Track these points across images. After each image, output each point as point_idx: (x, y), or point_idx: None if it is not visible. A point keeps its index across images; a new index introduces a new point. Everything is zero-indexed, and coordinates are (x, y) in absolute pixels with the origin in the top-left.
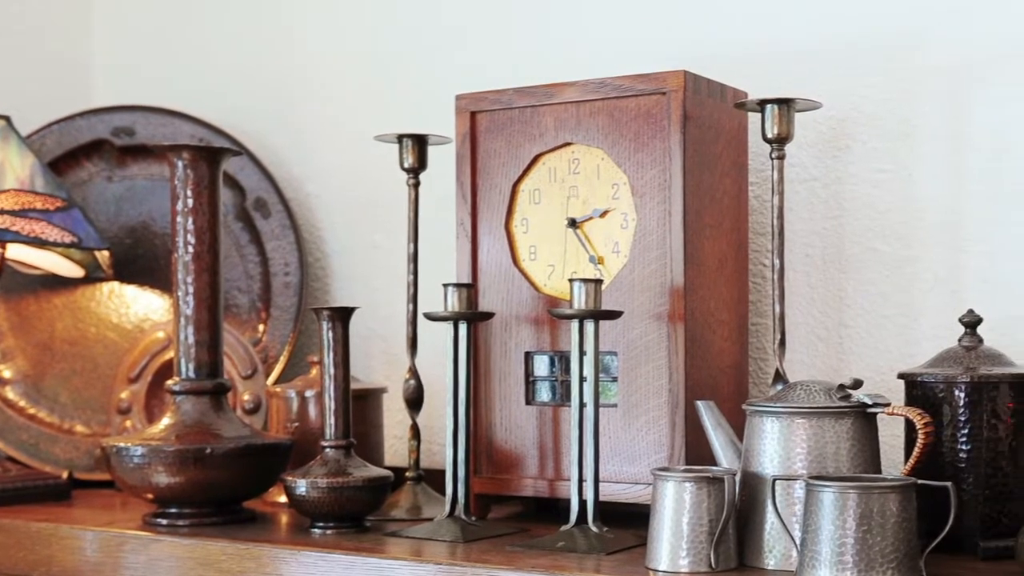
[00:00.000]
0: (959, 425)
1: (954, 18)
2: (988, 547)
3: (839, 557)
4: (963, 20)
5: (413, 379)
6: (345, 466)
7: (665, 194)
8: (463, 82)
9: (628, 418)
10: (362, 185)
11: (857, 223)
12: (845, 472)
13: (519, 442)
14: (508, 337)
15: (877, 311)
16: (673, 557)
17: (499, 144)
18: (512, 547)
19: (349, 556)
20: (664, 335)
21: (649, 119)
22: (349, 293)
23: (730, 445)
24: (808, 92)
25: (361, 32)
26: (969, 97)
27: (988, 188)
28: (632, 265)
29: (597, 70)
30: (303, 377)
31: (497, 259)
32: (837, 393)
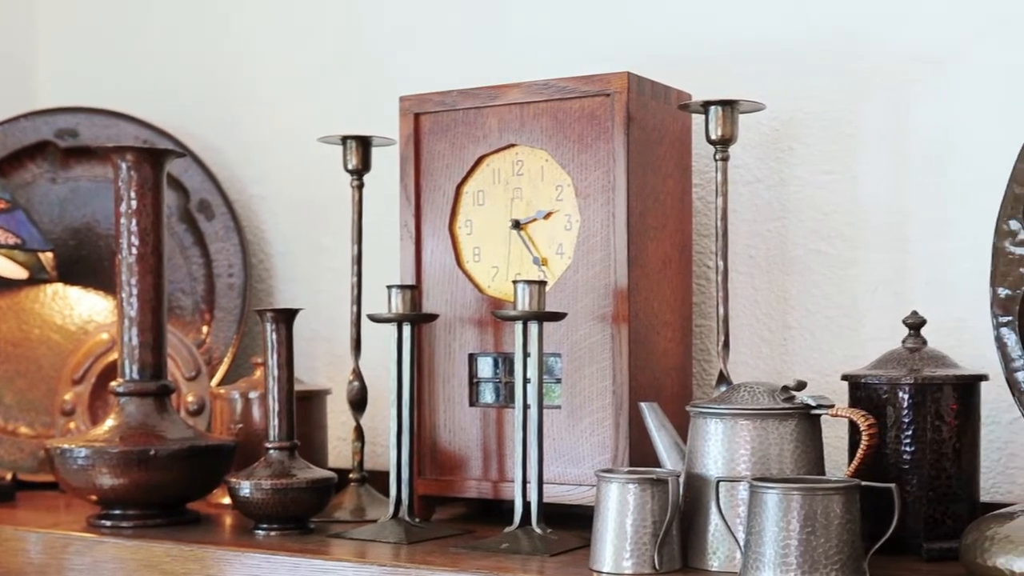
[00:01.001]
0: (903, 427)
1: (897, 20)
2: (932, 548)
3: (783, 559)
4: (906, 21)
5: (357, 381)
6: (289, 468)
7: (609, 196)
8: (407, 84)
9: (572, 420)
10: (306, 187)
11: (801, 225)
12: (789, 474)
13: (463, 444)
14: (452, 339)
15: (821, 313)
16: (617, 559)
17: (443, 146)
18: (456, 548)
19: (293, 558)
20: (608, 337)
21: (593, 121)
22: (293, 295)
23: (674, 447)
24: (752, 94)
25: (305, 34)
26: (912, 98)
27: (932, 189)
28: (576, 267)
29: (541, 72)
30: (247, 379)
31: (441, 261)
32: (781, 395)
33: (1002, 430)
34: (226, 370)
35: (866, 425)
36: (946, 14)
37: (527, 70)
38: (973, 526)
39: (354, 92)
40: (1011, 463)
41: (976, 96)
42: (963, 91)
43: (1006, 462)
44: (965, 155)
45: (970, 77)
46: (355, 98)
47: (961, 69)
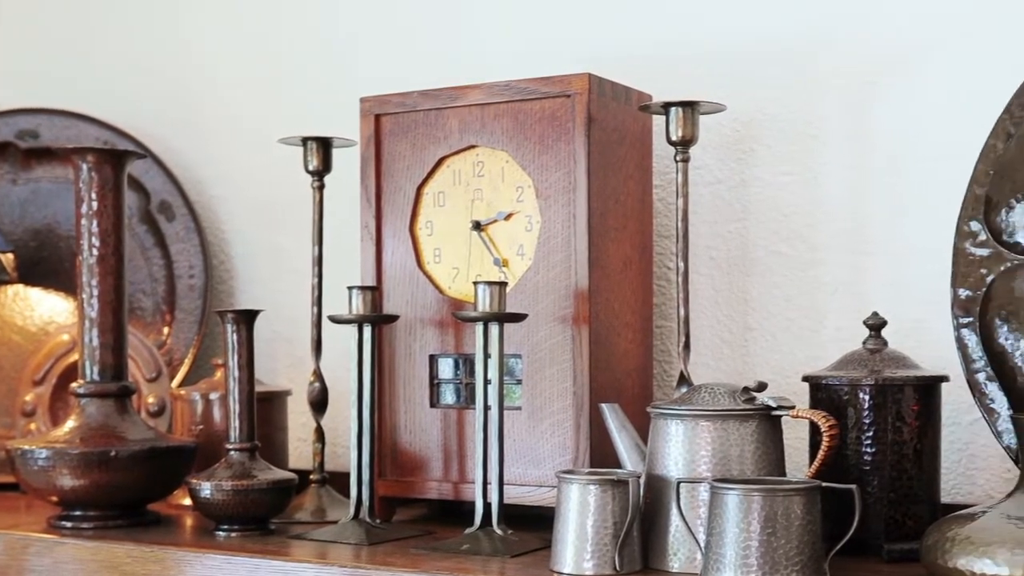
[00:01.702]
0: (864, 428)
1: (857, 21)
2: (893, 550)
3: (743, 560)
4: (866, 23)
5: (317, 382)
6: (250, 469)
7: (569, 197)
8: (368, 85)
9: (532, 421)
10: (267, 188)
11: (761, 226)
12: (750, 475)
13: (424, 445)
14: (412, 340)
15: (782, 314)
16: (577, 560)
17: (404, 147)
18: (416, 550)
19: (254, 559)
20: (568, 338)
21: (554, 122)
22: (254, 296)
23: (635, 448)
24: (713, 95)
25: (265, 35)
26: (872, 100)
27: (892, 190)
28: (536, 268)
29: (502, 73)
30: (207, 380)
31: (401, 262)
32: (742, 396)
33: (963, 431)
34: (187, 371)
35: (827, 426)
36: (907, 16)
37: (488, 71)
38: (934, 527)
39: (315, 93)
40: (972, 464)
41: (936, 98)
42: (923, 93)
43: (967, 463)
44: (925, 156)
45: (930, 79)
46: (316, 99)
47: (921, 71)
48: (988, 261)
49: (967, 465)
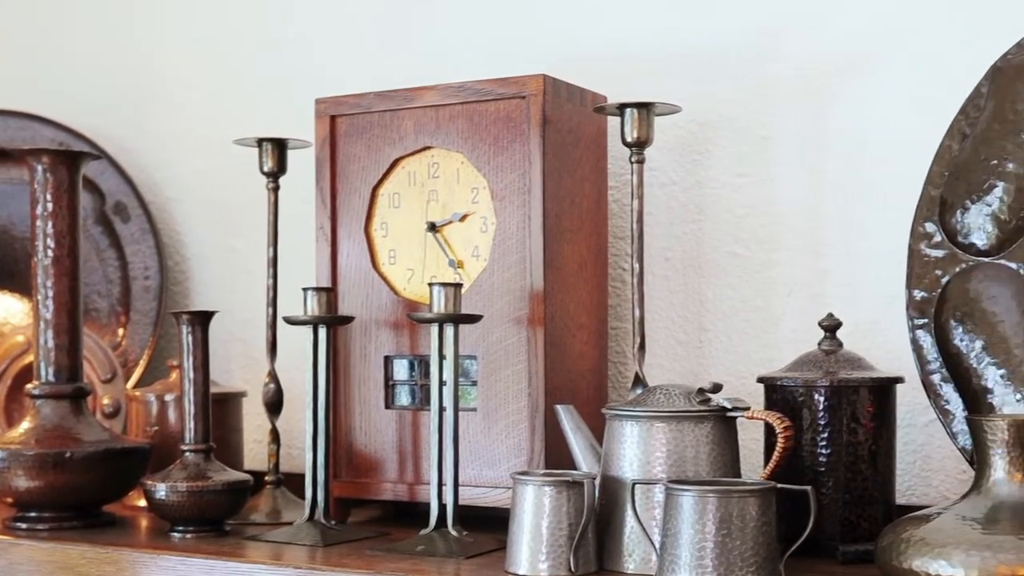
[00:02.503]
0: (819, 429)
1: (812, 23)
2: (847, 551)
3: (699, 561)
4: (821, 25)
5: (272, 383)
6: (205, 470)
7: (525, 198)
8: (323, 86)
9: (488, 422)
10: (222, 189)
11: (716, 227)
12: (705, 476)
13: (379, 446)
14: (368, 341)
15: (737, 315)
16: (533, 561)
17: (359, 148)
18: (372, 551)
19: (209, 560)
20: (523, 339)
21: (509, 123)
22: (209, 297)
23: (590, 449)
24: (668, 96)
25: (221, 36)
26: (827, 101)
27: (847, 191)
28: (492, 269)
29: (457, 74)
30: (163, 381)
31: (356, 263)
32: (697, 397)
33: (918, 432)
34: (142, 372)
35: (782, 428)
36: (862, 18)
37: (443, 72)
38: (889, 528)
39: (270, 94)
40: (927, 465)
41: (891, 99)
42: (878, 94)
43: (922, 464)
44: (880, 158)
45: (885, 80)
46: (271, 100)
47: (876, 72)
48: (943, 262)
49: (922, 466)
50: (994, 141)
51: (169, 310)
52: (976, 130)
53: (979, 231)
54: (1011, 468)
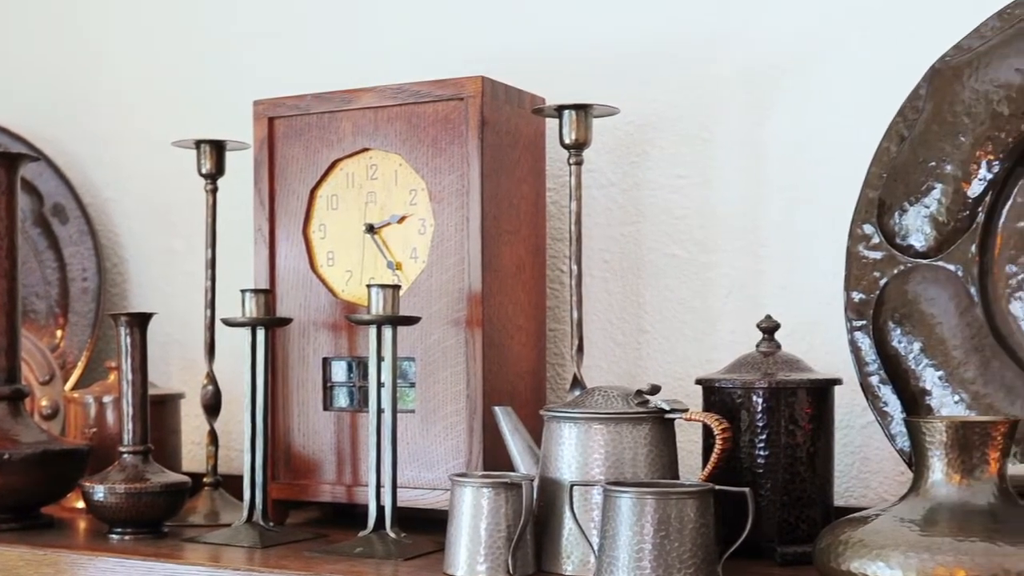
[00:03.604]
0: (757, 431)
1: (750, 24)
2: (786, 553)
3: (637, 563)
4: (759, 26)
5: (211, 385)
6: (143, 472)
7: (463, 200)
8: (261, 87)
9: (426, 424)
10: (160, 191)
11: (655, 229)
12: (643, 478)
13: (317, 448)
14: (306, 343)
15: (675, 317)
16: (471, 563)
17: (297, 150)
18: (310, 553)
19: (147, 562)
20: (462, 341)
21: (447, 125)
22: (147, 299)
23: (528, 451)
24: (606, 98)
25: (158, 37)
26: (765, 103)
27: (785, 193)
28: (430, 271)
29: (395, 76)
30: (101, 383)
31: (295, 265)
32: (635, 399)
33: (856, 434)
34: (80, 374)
35: (720, 429)
36: (801, 20)
37: (381, 74)
38: (827, 530)
39: (208, 96)
40: (865, 467)
41: (829, 101)
42: (817, 96)
43: (860, 466)
44: (818, 160)
45: (824, 82)
46: (209, 102)
47: (815, 74)
48: (881, 264)
49: (860, 468)
50: (932, 143)
51: (107, 312)
52: (914, 132)
53: (917, 233)
54: (949, 470)
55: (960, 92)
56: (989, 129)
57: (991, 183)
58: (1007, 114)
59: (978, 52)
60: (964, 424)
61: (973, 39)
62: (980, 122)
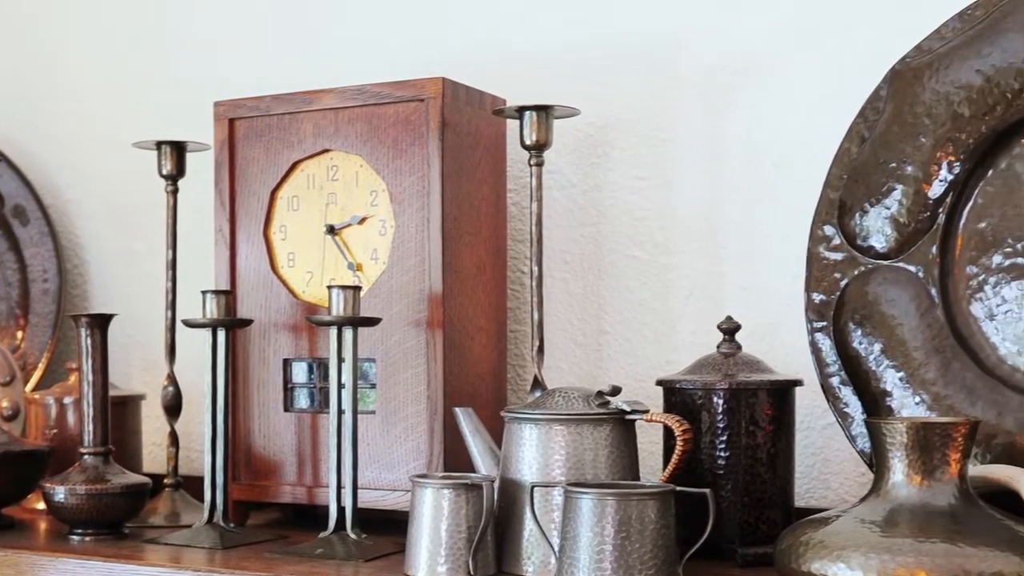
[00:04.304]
0: (718, 432)
1: (711, 26)
2: (747, 554)
3: (598, 564)
4: (720, 27)
5: (171, 386)
6: (103, 473)
7: (424, 201)
8: (222, 89)
9: (386, 425)
10: (121, 192)
11: (615, 230)
12: (604, 479)
13: (278, 449)
14: (267, 344)
15: (636, 318)
16: (431, 564)
17: (257, 151)
18: (271, 554)
19: (108, 563)
20: (422, 342)
21: (408, 126)
22: (108, 300)
23: (488, 452)
24: (567, 99)
25: (120, 38)
26: (726, 104)
27: (746, 195)
28: (391, 272)
29: (356, 77)
30: (62, 384)
31: (255, 266)
32: (596, 400)
33: (816, 435)
34: (41, 375)
35: (680, 430)
36: (761, 21)
37: (342, 75)
38: (788, 531)
39: (169, 97)
40: (825, 468)
41: (790, 102)
42: (777, 97)
43: (820, 467)
44: (779, 161)
45: (784, 83)
46: (170, 103)
47: (775, 75)
48: (842, 265)
49: (821, 469)
50: (893, 144)
51: (68, 313)
52: (875, 133)
53: (878, 234)
54: (910, 471)
55: (921, 93)
56: (949, 130)
57: (952, 184)
58: (967, 115)
59: (939, 53)
60: (925, 425)
61: (934, 40)
62: (941, 123)
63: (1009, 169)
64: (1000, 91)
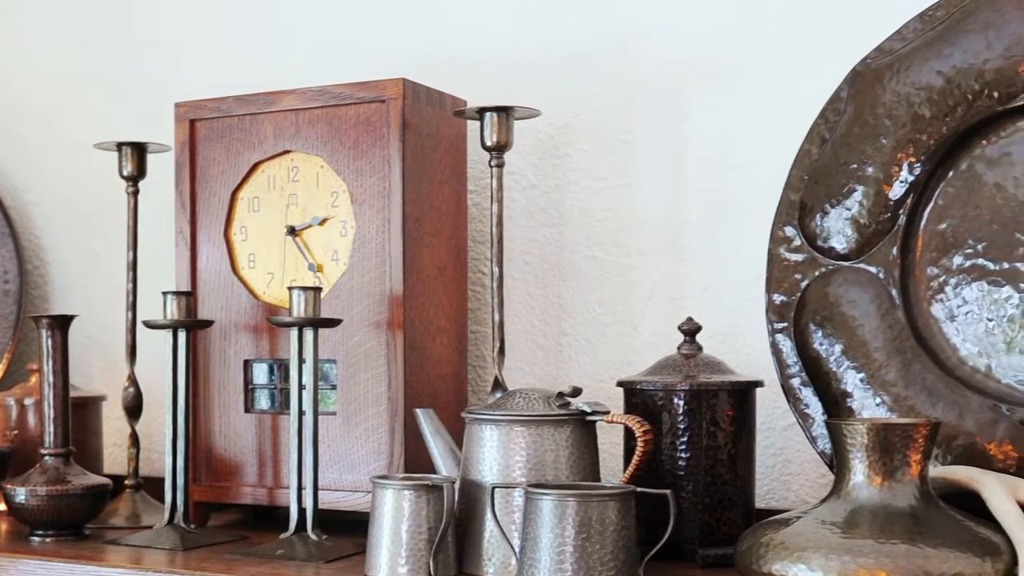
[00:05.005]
0: (678, 433)
1: (671, 27)
2: (707, 555)
3: (558, 565)
4: (681, 28)
5: (132, 387)
6: (64, 474)
7: (384, 202)
8: (183, 90)
9: (347, 426)
10: (82, 193)
11: (576, 231)
12: (564, 480)
13: (238, 450)
14: (227, 345)
15: (596, 319)
16: (392, 565)
17: (218, 152)
18: (231, 555)
19: (68, 564)
20: (383, 343)
21: (368, 127)
22: (68, 301)
23: (449, 453)
24: (528, 100)
25: (80, 39)
26: (687, 105)
27: (707, 196)
28: (351, 273)
29: (317, 78)
30: (22, 385)
31: (216, 267)
32: (556, 401)
33: (777, 436)
34: (1, 376)
35: (641, 431)
36: (722, 22)
37: (303, 76)
38: (748, 532)
39: (130, 98)
40: (786, 469)
41: (752, 103)
42: (738, 98)
43: (781, 468)
44: (740, 162)
45: (745, 84)
46: (131, 104)
47: (736, 77)
48: (803, 266)
49: (782, 470)
50: (853, 145)
51: (28, 314)
52: (836, 134)
53: (838, 235)
54: (870, 472)
55: (881, 94)
56: (910, 131)
57: (912, 185)
58: (928, 116)
59: (899, 54)
60: (885, 426)
61: (894, 41)
62: (901, 124)
63: (970, 170)
64: (961, 92)
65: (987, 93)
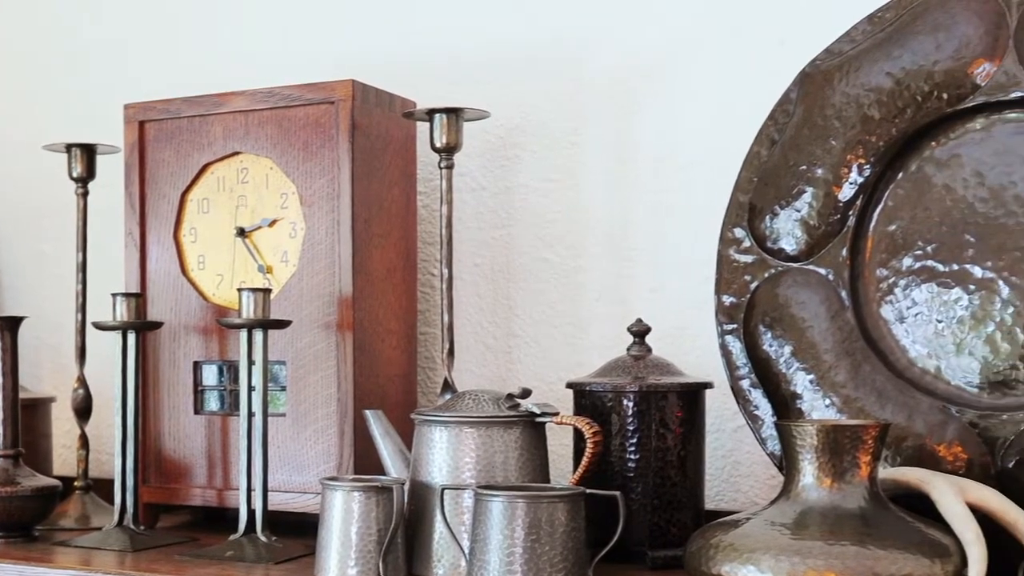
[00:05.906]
0: (628, 434)
1: (620, 28)
2: (656, 556)
3: (508, 566)
4: (629, 30)
5: (82, 388)
6: (13, 476)
7: (334, 203)
8: (132, 91)
9: (297, 427)
10: (31, 194)
11: (526, 233)
12: (514, 481)
13: (188, 451)
14: (177, 346)
15: (546, 321)
16: (342, 567)
17: (168, 153)
18: (181, 556)
19: (17, 566)
20: (333, 344)
21: (318, 128)
22: (18, 302)
23: (399, 454)
24: (477, 102)
25: (29, 39)
26: (635, 106)
27: (656, 197)
28: (301, 274)
29: (266, 80)
30: None
31: (166, 268)
32: (506, 402)
33: (727, 438)
34: None
35: (591, 433)
36: (670, 23)
37: (252, 78)
38: (698, 534)
39: (79, 99)
40: (735, 471)
41: (700, 105)
42: (687, 100)
43: (731, 470)
44: (689, 163)
45: (694, 85)
46: (80, 105)
47: (684, 77)
48: (752, 268)
49: (731, 472)
50: (803, 147)
51: None
52: (785, 136)
53: (788, 237)
54: (820, 473)
55: (831, 96)
56: (860, 133)
57: (862, 187)
58: (878, 118)
59: (849, 56)
60: (835, 428)
61: (844, 43)
62: (851, 126)
63: (919, 172)
64: (910, 94)
65: (936, 95)
